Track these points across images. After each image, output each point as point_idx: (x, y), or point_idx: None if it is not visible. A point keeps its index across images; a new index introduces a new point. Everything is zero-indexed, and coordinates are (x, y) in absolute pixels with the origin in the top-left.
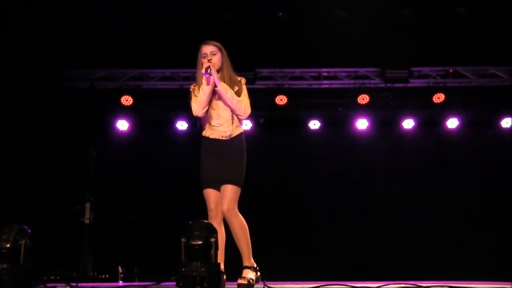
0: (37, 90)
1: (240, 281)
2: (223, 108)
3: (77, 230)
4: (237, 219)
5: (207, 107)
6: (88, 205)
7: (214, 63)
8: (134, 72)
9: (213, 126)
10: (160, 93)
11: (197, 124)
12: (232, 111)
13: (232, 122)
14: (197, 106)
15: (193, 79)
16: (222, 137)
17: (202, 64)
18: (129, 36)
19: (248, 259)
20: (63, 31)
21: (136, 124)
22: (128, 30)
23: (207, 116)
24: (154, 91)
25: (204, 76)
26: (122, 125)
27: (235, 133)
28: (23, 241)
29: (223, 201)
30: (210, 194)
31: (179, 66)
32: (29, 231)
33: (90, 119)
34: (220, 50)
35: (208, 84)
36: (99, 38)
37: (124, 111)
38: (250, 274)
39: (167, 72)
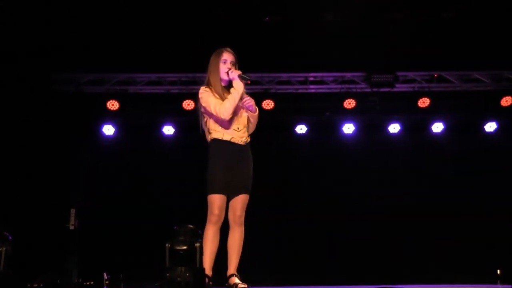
0: (22, 93)
1: (240, 285)
2: (242, 113)
3: (62, 236)
4: (242, 228)
5: None
6: (73, 211)
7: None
8: (120, 77)
9: (233, 130)
10: (146, 97)
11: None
12: (252, 123)
13: (246, 129)
14: (229, 109)
15: (179, 83)
16: (241, 142)
17: (222, 67)
18: (117, 39)
19: (236, 268)
20: (50, 34)
21: (122, 129)
22: (116, 33)
23: (221, 119)
24: (141, 96)
25: (239, 79)
26: (108, 129)
27: (248, 139)
28: (4, 248)
29: (238, 208)
30: (217, 199)
31: (166, 70)
32: (9, 237)
33: (76, 123)
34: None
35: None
36: (87, 41)
37: (110, 116)
38: (238, 280)
39: (154, 76)
